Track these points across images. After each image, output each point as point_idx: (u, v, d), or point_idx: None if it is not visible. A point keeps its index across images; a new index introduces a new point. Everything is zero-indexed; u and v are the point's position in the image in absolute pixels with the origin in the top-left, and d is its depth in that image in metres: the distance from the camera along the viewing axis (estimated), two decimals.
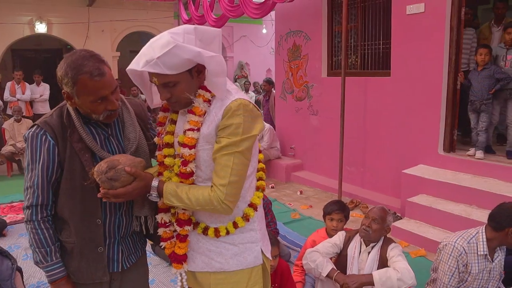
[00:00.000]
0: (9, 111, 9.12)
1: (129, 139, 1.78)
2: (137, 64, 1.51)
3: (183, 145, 1.58)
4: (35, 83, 9.55)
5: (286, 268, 3.00)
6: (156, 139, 1.77)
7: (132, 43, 13.12)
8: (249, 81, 11.81)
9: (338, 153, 5.53)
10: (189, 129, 1.57)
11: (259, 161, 1.79)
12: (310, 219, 5.30)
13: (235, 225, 1.66)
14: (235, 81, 12.64)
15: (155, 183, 1.62)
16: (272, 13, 8.26)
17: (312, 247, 3.17)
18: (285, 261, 3.14)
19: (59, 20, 10.38)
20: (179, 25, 10.08)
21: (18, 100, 9.12)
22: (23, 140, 1.90)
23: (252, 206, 1.68)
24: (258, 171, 1.77)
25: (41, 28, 10.25)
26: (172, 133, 1.70)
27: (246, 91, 10.98)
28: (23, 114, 8.55)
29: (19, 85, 9.23)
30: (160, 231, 1.72)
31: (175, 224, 1.68)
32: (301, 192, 6.37)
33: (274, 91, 8.69)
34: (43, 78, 9.63)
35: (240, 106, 1.53)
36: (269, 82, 8.89)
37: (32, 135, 1.66)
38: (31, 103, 9.44)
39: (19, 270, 2.90)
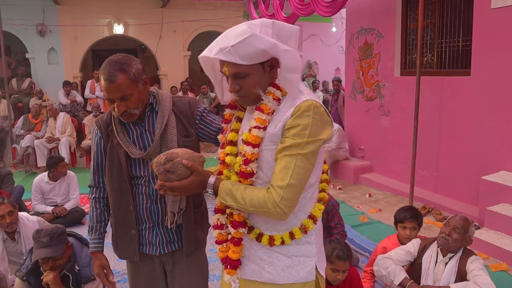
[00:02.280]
0: (88, 108, 9.75)
1: (156, 130, 1.92)
2: (210, 51, 1.48)
3: (246, 143, 1.51)
4: None
5: (356, 274, 2.90)
6: (219, 137, 1.74)
7: (203, 43, 13.44)
8: (318, 80, 11.66)
9: (410, 155, 5.29)
10: (255, 127, 1.50)
11: (323, 172, 1.67)
12: (379, 223, 5.12)
13: (291, 235, 1.56)
14: (303, 80, 12.53)
15: (211, 180, 1.56)
16: (342, 11, 8.08)
17: (383, 253, 3.05)
18: (354, 267, 3.04)
19: (135, 22, 10.89)
20: None
21: (97, 97, 9.72)
22: None
23: (312, 218, 1.58)
24: (321, 182, 1.66)
25: (118, 29, 10.80)
26: (237, 131, 1.66)
27: (314, 90, 10.84)
28: (101, 111, 9.08)
29: (98, 83, 9.82)
30: (215, 233, 1.67)
31: (229, 226, 1.61)
32: (369, 195, 6.18)
33: (342, 91, 8.51)
34: None
35: (310, 107, 1.45)
36: (339, 81, 8.72)
37: (92, 130, 2.07)
38: None
39: None
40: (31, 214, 4.19)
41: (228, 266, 1.62)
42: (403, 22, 6.30)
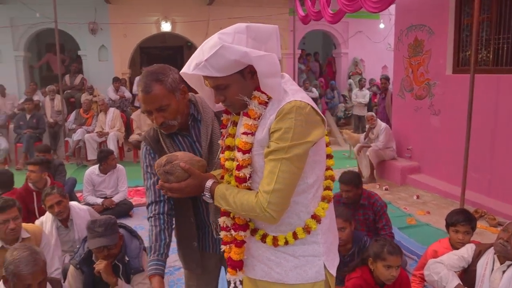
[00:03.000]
0: (136, 103, 10.01)
1: (202, 142, 1.88)
2: (188, 67, 1.49)
3: (237, 149, 1.52)
4: None
5: (405, 276, 2.82)
6: (220, 142, 1.75)
7: None
8: (365, 78, 11.41)
9: (461, 157, 5.06)
10: (243, 133, 1.50)
11: (328, 168, 1.65)
12: (428, 226, 4.95)
13: (294, 235, 1.55)
14: (349, 78, 12.31)
15: (208, 183, 1.59)
16: (391, 7, 7.85)
17: (434, 258, 2.94)
18: (404, 270, 2.95)
19: (182, 19, 11.07)
20: (294, 21, 10.18)
21: None
22: None
23: (315, 218, 1.56)
24: (326, 179, 1.63)
25: (166, 27, 11.02)
26: (233, 135, 1.65)
27: (361, 88, 10.62)
28: None
29: None
30: (222, 234, 1.68)
31: (231, 228, 1.63)
32: (417, 197, 5.99)
33: (390, 89, 8.29)
34: None
35: (292, 109, 1.41)
36: (387, 79, 8.51)
37: (142, 148, 1.98)
38: None
39: (145, 250, 3.12)
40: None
41: (230, 266, 1.64)
42: (457, 18, 6.05)
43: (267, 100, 1.50)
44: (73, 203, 3.84)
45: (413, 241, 4.46)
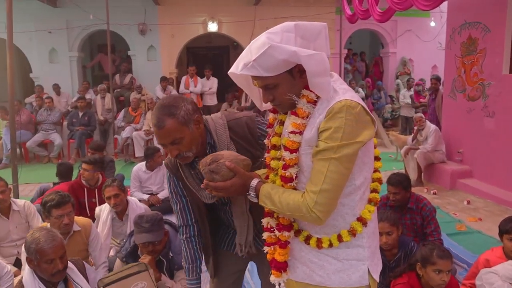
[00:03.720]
0: None
1: None
2: (236, 67, 1.49)
3: (285, 148, 1.51)
4: (205, 77, 10.51)
5: (455, 283, 2.71)
6: (265, 141, 1.72)
7: None
8: (413, 78, 11.04)
9: None
10: (291, 132, 1.49)
11: (376, 170, 1.61)
12: (479, 233, 4.72)
13: (339, 238, 1.52)
14: (397, 78, 11.97)
15: (254, 182, 1.58)
16: (442, 4, 7.56)
17: (486, 267, 2.80)
18: (453, 277, 2.82)
19: (228, 19, 11.17)
20: (341, 20, 10.01)
21: (190, 92, 10.16)
22: None
23: (361, 220, 1.52)
24: (373, 181, 1.59)
25: (212, 27, 11.16)
26: (280, 134, 1.63)
27: (409, 88, 10.29)
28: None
29: (192, 79, 10.28)
30: (265, 235, 1.67)
31: (275, 229, 1.62)
32: (468, 202, 5.72)
33: (441, 89, 7.99)
34: (212, 73, 10.54)
35: (343, 108, 1.39)
36: (437, 80, 8.19)
37: (166, 174, 2.03)
38: (201, 95, 10.43)
39: None
40: None
41: (274, 267, 1.63)
42: None
43: (316, 99, 1.49)
44: (132, 199, 3.98)
45: (463, 248, 4.27)
